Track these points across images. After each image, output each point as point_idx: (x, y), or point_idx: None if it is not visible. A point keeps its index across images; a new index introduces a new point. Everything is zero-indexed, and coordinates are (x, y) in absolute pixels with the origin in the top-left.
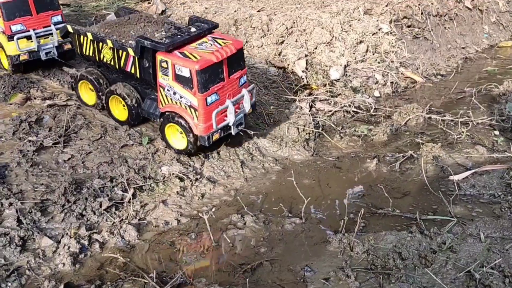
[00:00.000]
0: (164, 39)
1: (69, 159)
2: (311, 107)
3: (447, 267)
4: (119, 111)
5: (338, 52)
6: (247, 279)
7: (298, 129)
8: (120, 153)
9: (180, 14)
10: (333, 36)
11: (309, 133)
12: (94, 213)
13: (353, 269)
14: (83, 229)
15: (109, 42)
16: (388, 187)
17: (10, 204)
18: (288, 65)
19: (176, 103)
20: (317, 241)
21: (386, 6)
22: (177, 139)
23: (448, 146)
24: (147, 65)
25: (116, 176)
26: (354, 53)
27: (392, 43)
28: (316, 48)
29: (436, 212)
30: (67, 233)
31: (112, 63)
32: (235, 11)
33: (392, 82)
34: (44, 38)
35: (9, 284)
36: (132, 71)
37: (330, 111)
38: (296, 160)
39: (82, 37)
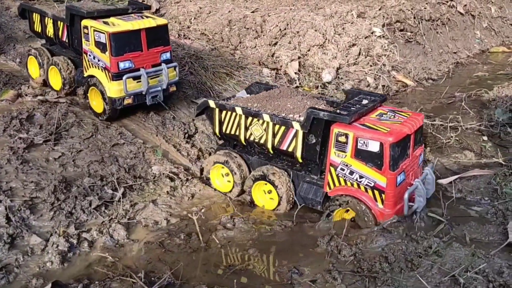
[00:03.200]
0: (339, 111)
1: (59, 157)
2: None
3: (433, 271)
4: (264, 200)
5: (331, 55)
6: (235, 281)
7: None
8: (111, 152)
9: (174, 13)
10: (326, 39)
11: None
12: (84, 212)
13: (339, 272)
14: (72, 228)
15: (265, 116)
16: None
17: (0, 201)
18: (281, 66)
19: (352, 184)
20: (305, 244)
21: (379, 9)
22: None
23: (437, 150)
24: (314, 141)
25: (107, 175)
26: (346, 56)
27: (385, 46)
28: (309, 50)
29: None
30: (56, 231)
31: (262, 141)
32: (229, 12)
33: (383, 86)
34: (152, 79)
35: None
36: (290, 149)
37: None
38: None
39: (225, 113)
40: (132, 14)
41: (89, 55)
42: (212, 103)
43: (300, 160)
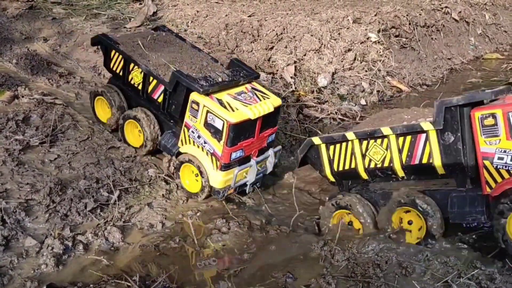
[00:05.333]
0: None
1: (55, 159)
2: (298, 113)
3: (426, 277)
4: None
5: (327, 60)
6: (229, 284)
7: (285, 134)
8: (107, 154)
9: (171, 16)
10: (322, 44)
11: (296, 139)
12: (79, 214)
13: (333, 277)
14: (67, 230)
15: (385, 130)
16: None
17: None
18: (277, 70)
19: None
20: (300, 248)
21: (375, 15)
22: None
23: None
24: (452, 139)
25: (102, 177)
26: (342, 61)
27: (380, 52)
28: (305, 55)
29: None
30: (51, 234)
31: (386, 164)
32: (226, 15)
33: (378, 91)
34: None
35: None
36: (425, 160)
37: (317, 117)
38: (284, 166)
39: (333, 147)
40: (244, 85)
41: (192, 132)
42: (317, 140)
43: (442, 171)
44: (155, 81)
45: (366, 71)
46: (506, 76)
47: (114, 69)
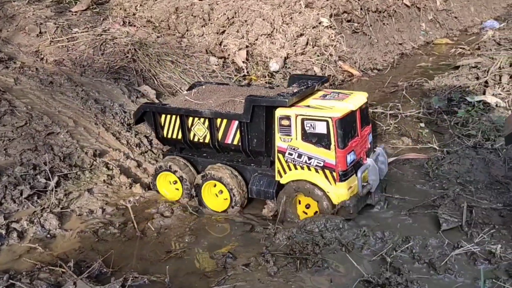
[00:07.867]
0: None
1: None
2: None
3: (363, 252)
4: None
5: (279, 44)
6: (167, 267)
7: None
8: (46, 140)
9: (119, 0)
10: (274, 28)
11: None
12: (14, 202)
13: (272, 255)
14: (1, 218)
15: None
16: None
17: None
18: (229, 55)
19: None
20: (244, 229)
21: (327, 0)
22: None
23: (376, 137)
24: None
25: (40, 163)
26: (294, 46)
27: (332, 37)
28: (257, 39)
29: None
30: None
31: None
32: None
33: (330, 75)
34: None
35: None
36: None
37: None
38: None
39: None
40: (320, 91)
41: (290, 154)
42: None
43: None
44: (224, 122)
45: (318, 55)
46: (454, 60)
47: (169, 136)
